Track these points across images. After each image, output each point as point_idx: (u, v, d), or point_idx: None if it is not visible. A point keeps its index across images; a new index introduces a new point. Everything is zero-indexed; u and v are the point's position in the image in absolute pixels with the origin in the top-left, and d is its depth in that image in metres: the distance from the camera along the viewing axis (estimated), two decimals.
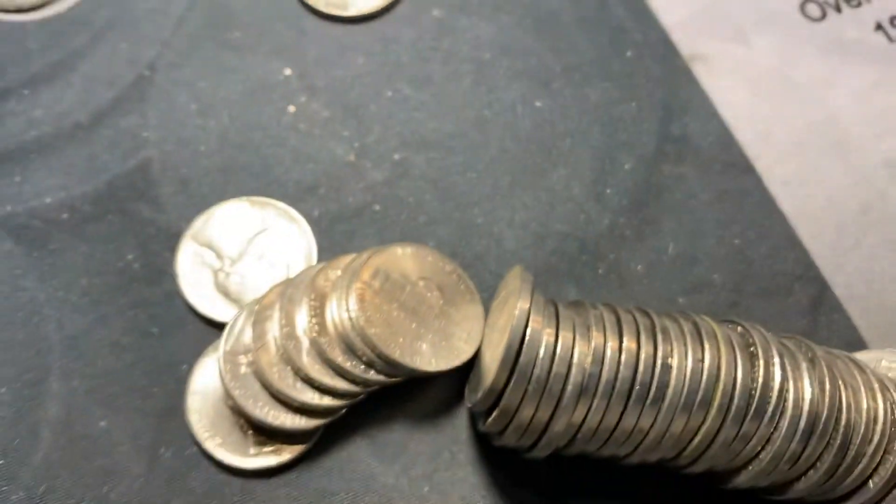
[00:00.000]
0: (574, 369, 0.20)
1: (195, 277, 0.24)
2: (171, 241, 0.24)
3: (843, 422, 0.20)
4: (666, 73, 0.27)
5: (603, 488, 0.22)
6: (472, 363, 0.23)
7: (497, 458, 0.22)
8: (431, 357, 0.22)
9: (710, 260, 0.25)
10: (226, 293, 0.24)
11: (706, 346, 0.20)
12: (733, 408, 0.20)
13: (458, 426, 0.23)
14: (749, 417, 0.20)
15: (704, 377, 0.20)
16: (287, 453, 0.22)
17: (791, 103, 0.27)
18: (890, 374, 0.22)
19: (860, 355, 0.23)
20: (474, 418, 0.23)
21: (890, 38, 0.29)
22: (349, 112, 0.26)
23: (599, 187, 0.26)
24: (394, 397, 0.23)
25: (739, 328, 0.21)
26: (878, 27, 0.29)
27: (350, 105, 0.26)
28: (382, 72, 0.27)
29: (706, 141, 0.27)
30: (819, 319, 0.25)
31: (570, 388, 0.19)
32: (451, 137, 0.26)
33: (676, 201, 0.26)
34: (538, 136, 0.26)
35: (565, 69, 0.27)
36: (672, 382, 0.20)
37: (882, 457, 0.20)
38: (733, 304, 0.24)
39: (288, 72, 0.27)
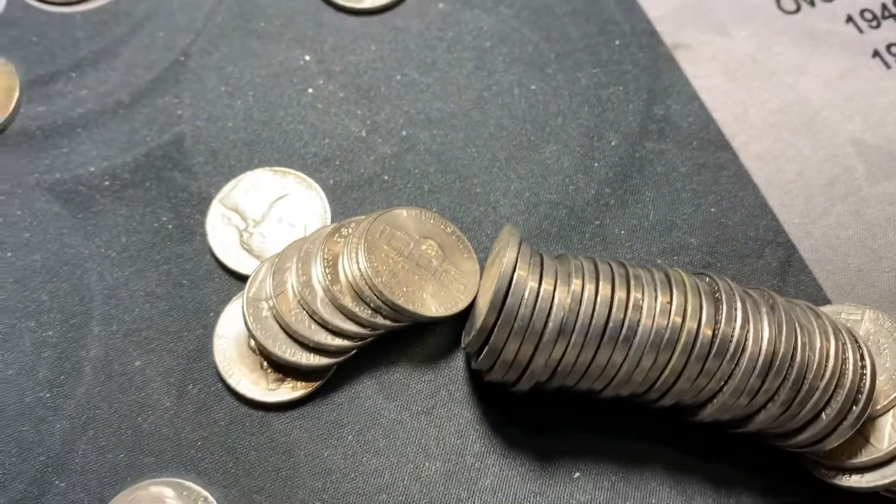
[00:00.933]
0: (554, 310, 0.22)
1: (222, 236, 0.26)
2: (202, 205, 0.27)
3: (797, 359, 0.22)
4: (651, 60, 0.30)
5: (582, 423, 0.25)
6: (469, 313, 0.25)
7: (489, 396, 0.25)
8: (432, 304, 0.25)
9: (687, 226, 0.27)
10: (249, 250, 0.26)
11: (675, 291, 0.22)
12: (697, 346, 0.22)
13: (455, 368, 0.25)
14: (712, 355, 0.22)
15: (671, 318, 0.22)
16: (302, 389, 0.25)
17: (766, 88, 0.30)
18: (848, 325, 0.25)
19: (823, 309, 0.25)
20: (469, 359, 0.25)
21: (860, 30, 0.31)
22: (362, 93, 0.29)
23: (587, 161, 0.28)
24: (399, 342, 0.25)
25: (707, 278, 0.24)
26: (849, 19, 0.31)
27: (363, 87, 0.29)
28: (392, 58, 0.30)
29: (686, 121, 0.29)
30: (787, 280, 0.27)
31: (550, 326, 0.22)
32: (454, 116, 0.29)
33: (657, 174, 0.28)
34: (532, 115, 0.29)
35: (558, 56, 0.30)
36: (642, 322, 0.22)
37: (833, 391, 0.22)
38: (707, 265, 0.27)
39: (307, 58, 0.30)
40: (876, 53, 0.31)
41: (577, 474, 0.24)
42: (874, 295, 0.27)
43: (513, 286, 0.22)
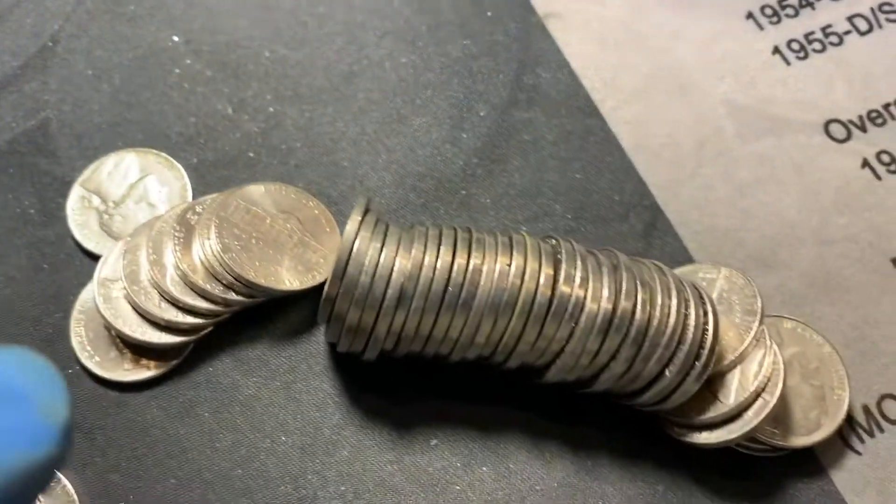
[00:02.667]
0: (394, 277, 0.22)
1: (83, 219, 0.26)
2: (64, 189, 0.27)
3: (637, 317, 0.22)
4: (522, 30, 0.30)
5: (441, 392, 0.25)
6: None
7: (349, 369, 0.25)
8: (286, 278, 0.25)
9: (552, 192, 0.27)
10: (109, 232, 0.26)
11: (515, 254, 0.22)
12: (535, 307, 0.22)
13: (316, 342, 0.25)
14: (550, 316, 0.22)
15: (510, 281, 0.22)
16: (157, 368, 0.24)
17: (638, 53, 0.30)
18: (704, 284, 0.25)
19: (679, 270, 0.26)
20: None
21: None
22: (230, 72, 0.29)
23: (456, 132, 0.28)
24: (259, 318, 0.25)
25: (554, 241, 0.24)
26: None
27: (230, 66, 0.29)
28: (262, 36, 0.30)
29: (556, 89, 0.29)
30: (653, 242, 0.27)
31: (390, 293, 0.22)
32: (322, 91, 0.29)
33: (525, 142, 0.28)
34: (403, 88, 0.29)
35: (430, 28, 0.30)
36: (481, 286, 0.22)
37: (676, 348, 0.22)
38: (571, 231, 0.27)
39: (176, 38, 0.29)
40: (749, 15, 0.31)
41: (435, 441, 0.24)
42: (741, 254, 0.27)
43: (353, 255, 0.22)
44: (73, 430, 0.16)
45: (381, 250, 0.22)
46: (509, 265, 0.22)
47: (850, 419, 0.25)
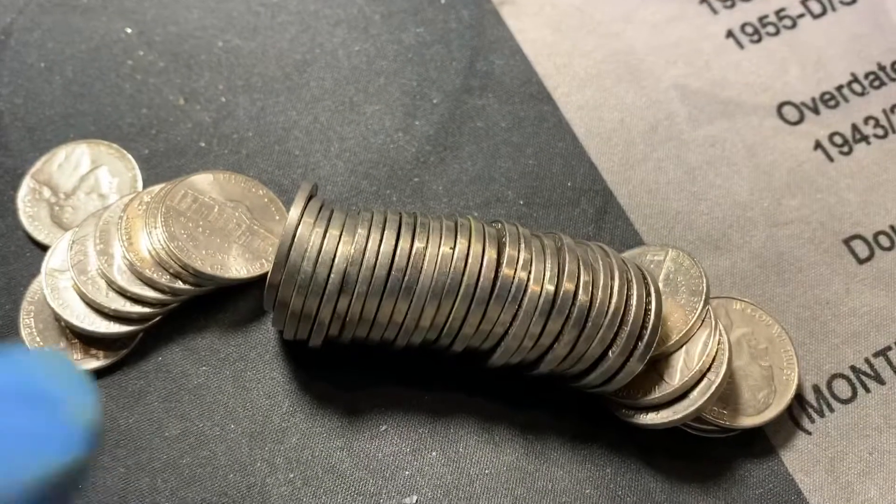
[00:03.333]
0: (336, 262, 0.22)
1: (34, 211, 0.26)
2: (15, 180, 0.27)
3: (579, 299, 0.22)
4: (476, 17, 0.30)
5: (391, 378, 0.25)
6: None
7: (299, 356, 0.25)
8: (233, 267, 0.25)
9: (505, 178, 0.27)
10: (60, 224, 0.26)
11: (458, 238, 0.22)
12: (478, 291, 0.22)
13: (264, 330, 0.25)
14: (493, 299, 0.22)
15: (453, 264, 0.22)
16: (106, 358, 0.24)
17: (591, 38, 0.30)
18: (651, 266, 0.25)
19: (627, 253, 0.26)
20: None
21: None
22: (182, 62, 0.29)
23: (409, 119, 0.28)
24: (209, 307, 0.25)
25: (499, 224, 0.24)
26: None
27: (183, 56, 0.29)
28: (215, 26, 0.30)
29: (509, 76, 0.29)
30: (603, 226, 0.27)
31: (332, 279, 0.22)
32: (275, 80, 0.29)
33: (478, 129, 0.28)
34: (355, 76, 0.29)
35: (383, 16, 0.30)
36: (424, 270, 0.22)
37: (618, 329, 0.22)
38: (523, 216, 0.27)
39: (129, 30, 0.29)
40: None
41: (384, 427, 0.24)
42: (691, 236, 0.27)
43: (295, 241, 0.22)
44: (101, 431, 0.16)
45: (324, 235, 0.22)
46: (453, 249, 0.22)
47: (799, 399, 0.25)
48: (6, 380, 0.15)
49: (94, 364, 0.24)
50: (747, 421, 0.24)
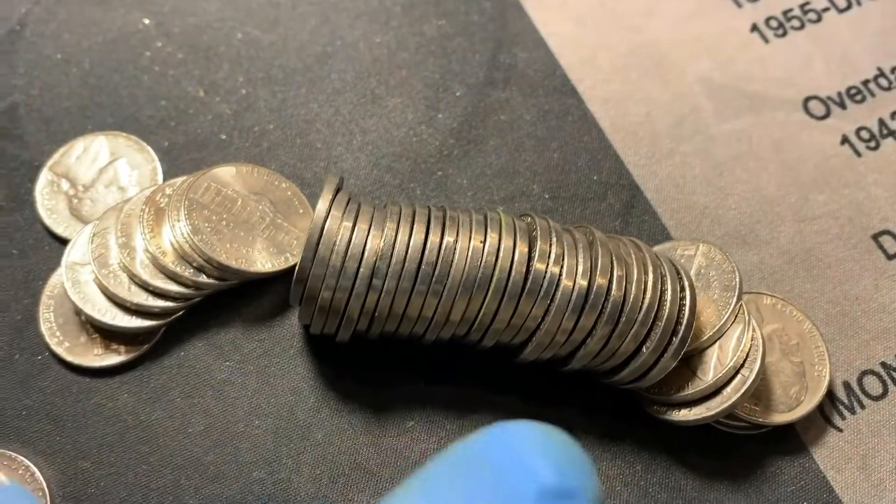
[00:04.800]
0: (366, 256, 0.22)
1: (52, 203, 0.26)
2: (33, 173, 0.26)
3: (613, 293, 0.22)
4: (498, 9, 0.30)
5: (418, 374, 0.24)
6: None
7: (324, 351, 0.25)
8: (258, 261, 0.24)
9: (530, 172, 0.27)
10: (79, 216, 0.26)
11: (489, 232, 0.22)
12: (510, 285, 0.22)
13: (288, 325, 0.25)
14: (525, 293, 0.22)
15: (484, 259, 0.22)
16: (128, 353, 0.24)
17: (615, 31, 0.29)
18: (682, 261, 0.24)
19: (657, 247, 0.25)
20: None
21: None
22: (201, 54, 0.28)
23: (432, 112, 0.28)
24: (233, 301, 0.25)
25: (529, 218, 0.23)
26: None
27: (202, 48, 0.28)
28: (234, 17, 0.29)
29: (532, 68, 0.29)
30: (630, 221, 0.27)
31: (362, 272, 0.22)
32: (295, 73, 0.28)
33: (502, 122, 0.28)
34: (377, 68, 0.29)
35: (404, 8, 0.29)
36: (454, 264, 0.22)
37: (652, 324, 0.22)
38: (548, 210, 0.27)
39: (147, 21, 0.29)
40: None
41: (412, 423, 0.24)
42: (719, 231, 0.27)
43: (324, 234, 0.22)
44: None
45: (353, 229, 0.22)
46: (483, 243, 0.22)
47: (830, 395, 0.25)
48: (549, 482, 0.16)
49: (116, 359, 0.24)
50: (779, 418, 0.24)
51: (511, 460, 0.16)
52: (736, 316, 0.23)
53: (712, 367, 0.23)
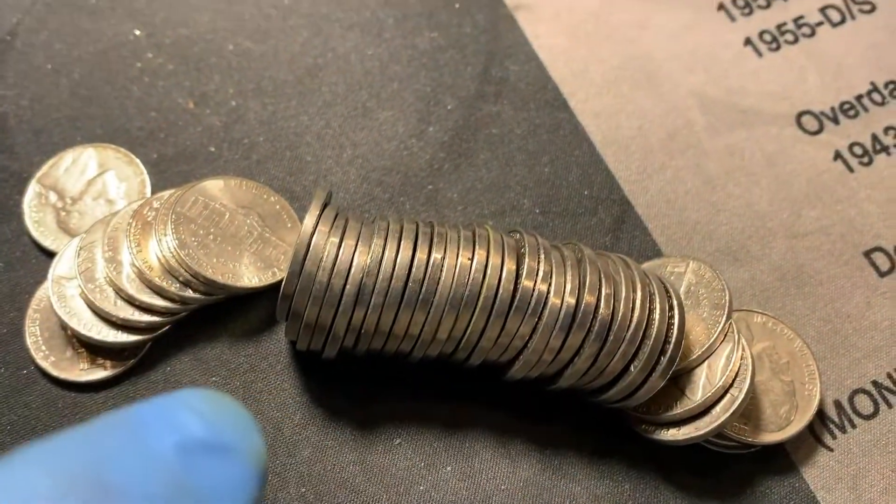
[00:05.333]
0: (352, 273, 0.21)
1: (39, 216, 0.26)
2: (21, 184, 0.26)
3: (601, 312, 0.22)
4: (490, 22, 0.29)
5: (405, 391, 0.24)
6: None
7: (311, 368, 0.24)
8: (245, 275, 0.24)
9: (520, 187, 0.27)
10: (66, 229, 0.26)
11: (477, 248, 0.22)
12: (497, 303, 0.21)
13: (275, 340, 0.25)
14: (513, 311, 0.22)
15: (471, 276, 0.22)
16: (114, 368, 0.24)
17: (607, 45, 0.29)
18: (671, 278, 0.24)
19: (647, 264, 0.25)
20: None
21: None
22: (191, 65, 0.28)
23: (423, 126, 0.28)
24: (219, 316, 0.25)
25: (518, 235, 0.23)
26: None
27: (192, 59, 0.28)
28: (226, 28, 0.29)
29: (524, 82, 0.29)
30: (621, 236, 0.26)
31: (348, 289, 0.21)
32: (286, 85, 0.28)
33: (493, 136, 0.28)
34: (368, 81, 0.28)
35: (397, 20, 0.29)
36: (441, 281, 0.21)
37: (641, 342, 0.22)
38: (539, 225, 0.26)
39: (137, 32, 0.29)
40: (721, 6, 0.30)
41: (398, 441, 0.24)
42: (710, 247, 0.27)
43: (311, 250, 0.22)
44: (267, 467, 0.16)
45: (340, 245, 0.22)
46: (471, 260, 0.22)
47: (821, 415, 0.25)
48: (191, 433, 0.15)
49: (102, 374, 0.24)
50: (769, 437, 0.23)
51: (151, 414, 0.15)
52: (725, 334, 0.23)
53: (701, 387, 0.22)
